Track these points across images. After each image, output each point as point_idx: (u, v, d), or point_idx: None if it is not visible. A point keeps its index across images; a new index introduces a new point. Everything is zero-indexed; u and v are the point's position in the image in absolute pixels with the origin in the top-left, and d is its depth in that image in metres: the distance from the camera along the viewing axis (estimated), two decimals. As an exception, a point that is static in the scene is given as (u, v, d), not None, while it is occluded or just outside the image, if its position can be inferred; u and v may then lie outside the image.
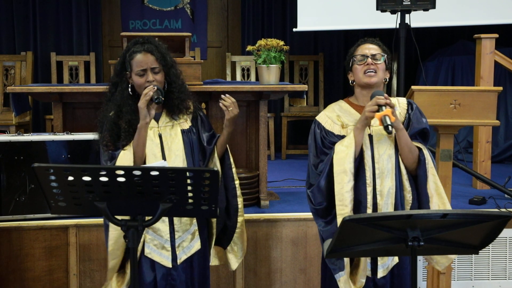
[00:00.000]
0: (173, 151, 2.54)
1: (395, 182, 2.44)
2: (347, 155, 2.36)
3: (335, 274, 2.40)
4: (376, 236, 1.86)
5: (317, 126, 2.51)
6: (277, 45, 3.73)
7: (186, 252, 2.55)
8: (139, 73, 2.47)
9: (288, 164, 5.59)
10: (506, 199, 4.04)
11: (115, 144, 2.49)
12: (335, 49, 6.48)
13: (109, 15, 6.47)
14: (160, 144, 2.53)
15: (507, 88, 5.57)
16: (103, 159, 2.52)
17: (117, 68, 2.55)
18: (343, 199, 2.35)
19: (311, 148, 2.51)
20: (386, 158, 2.42)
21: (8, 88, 3.65)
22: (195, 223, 2.58)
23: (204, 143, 2.64)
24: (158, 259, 2.51)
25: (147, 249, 2.51)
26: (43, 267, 3.36)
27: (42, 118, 5.84)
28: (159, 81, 2.49)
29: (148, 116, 2.44)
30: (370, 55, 2.44)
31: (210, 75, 6.40)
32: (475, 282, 3.71)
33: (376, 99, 2.33)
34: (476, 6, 5.36)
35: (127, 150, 2.46)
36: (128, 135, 2.47)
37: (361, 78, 2.45)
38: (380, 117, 2.30)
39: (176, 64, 2.60)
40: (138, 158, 2.47)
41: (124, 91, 2.51)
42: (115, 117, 2.49)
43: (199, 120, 2.66)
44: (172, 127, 2.57)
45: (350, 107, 2.52)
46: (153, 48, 2.49)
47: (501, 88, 3.04)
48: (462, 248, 1.97)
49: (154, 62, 2.48)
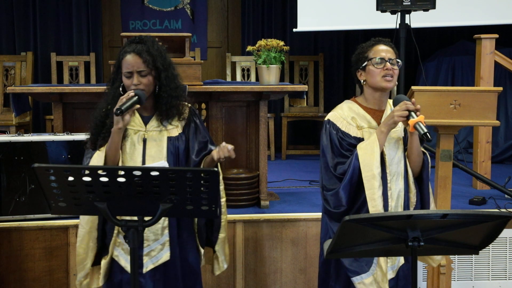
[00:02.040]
0: (154, 159, 2.45)
1: (404, 184, 2.45)
2: (374, 159, 2.34)
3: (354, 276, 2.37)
4: (376, 236, 1.86)
5: (332, 127, 2.46)
6: (277, 45, 3.73)
7: (154, 261, 2.48)
8: (126, 75, 2.41)
9: (288, 165, 5.58)
10: (506, 199, 4.04)
11: (95, 143, 2.44)
12: (335, 50, 6.48)
13: (109, 15, 6.47)
14: (142, 149, 2.46)
15: (507, 88, 5.56)
16: (85, 156, 2.48)
17: (115, 66, 2.51)
18: (376, 204, 2.34)
19: (327, 150, 2.45)
20: (396, 161, 2.43)
21: (8, 89, 3.66)
22: (166, 233, 2.48)
23: (193, 154, 2.53)
24: (123, 263, 2.47)
25: (115, 251, 2.48)
26: (43, 268, 3.36)
27: (42, 118, 5.84)
28: (145, 84, 2.40)
29: (121, 122, 2.34)
30: (388, 59, 2.41)
31: (210, 75, 6.40)
32: (475, 282, 3.71)
33: (406, 104, 2.31)
34: (476, 6, 5.36)
35: (101, 151, 2.41)
36: (107, 136, 2.40)
37: (378, 82, 2.41)
38: (413, 124, 2.27)
39: (172, 66, 2.51)
40: (110, 162, 2.40)
41: (116, 89, 2.47)
42: (104, 115, 2.45)
43: (192, 127, 2.56)
44: (160, 132, 2.49)
45: (361, 108, 2.49)
46: (144, 50, 2.40)
47: (501, 88, 3.04)
48: (462, 248, 1.97)
49: (141, 65, 2.39)
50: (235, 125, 3.93)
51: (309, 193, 4.28)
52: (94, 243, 2.48)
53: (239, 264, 3.50)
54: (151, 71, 2.42)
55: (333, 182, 2.42)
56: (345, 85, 6.48)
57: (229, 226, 3.48)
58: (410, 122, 2.28)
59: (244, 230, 3.52)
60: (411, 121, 2.27)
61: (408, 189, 2.48)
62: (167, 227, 2.48)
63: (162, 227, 2.47)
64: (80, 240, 2.48)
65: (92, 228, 2.46)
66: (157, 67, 2.42)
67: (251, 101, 3.90)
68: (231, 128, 3.94)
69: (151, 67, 2.41)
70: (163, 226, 2.47)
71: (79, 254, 2.49)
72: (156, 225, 2.36)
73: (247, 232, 3.52)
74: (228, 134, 3.94)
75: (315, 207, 3.76)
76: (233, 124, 3.94)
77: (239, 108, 3.95)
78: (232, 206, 3.76)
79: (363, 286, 2.36)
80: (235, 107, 3.95)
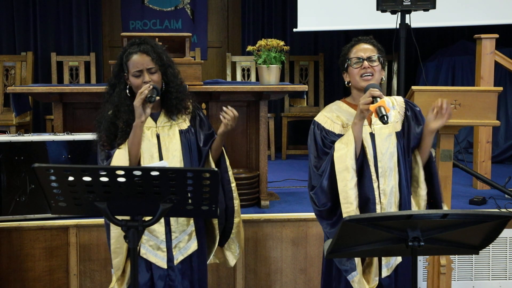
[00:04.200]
0: (170, 152, 2.53)
1: (397, 180, 2.44)
2: (347, 151, 2.35)
3: (347, 275, 2.38)
4: (376, 236, 1.86)
5: (316, 127, 2.50)
6: (277, 45, 3.73)
7: (183, 252, 2.54)
8: (135, 74, 2.46)
9: (288, 164, 5.59)
10: (506, 199, 4.04)
11: (111, 143, 2.48)
12: (335, 49, 6.48)
13: (109, 15, 6.47)
14: (157, 144, 2.53)
15: (507, 88, 5.56)
16: (100, 158, 2.52)
17: (115, 70, 2.55)
18: (348, 196, 2.33)
19: (311, 150, 2.49)
20: (388, 156, 2.42)
21: (9, 89, 3.66)
22: (192, 223, 2.57)
23: (201, 143, 2.63)
24: (154, 260, 2.51)
25: (142, 249, 2.51)
26: (43, 267, 3.36)
27: (42, 118, 5.85)
28: (155, 81, 2.47)
29: (144, 115, 2.43)
30: (366, 57, 2.43)
31: (210, 75, 6.40)
32: (475, 282, 3.71)
33: (371, 91, 2.32)
34: (476, 6, 5.36)
35: (122, 149, 2.46)
36: (124, 134, 2.46)
37: (358, 82, 2.44)
38: (374, 108, 2.29)
39: (173, 64, 2.59)
40: (133, 157, 2.46)
41: (122, 92, 2.51)
42: (113, 117, 2.49)
43: (197, 120, 2.65)
44: (170, 127, 2.57)
45: (349, 107, 2.52)
46: (149, 49, 2.47)
47: (501, 88, 3.04)
48: (462, 248, 1.97)
49: (150, 62, 2.46)
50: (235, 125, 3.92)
51: (309, 193, 4.28)
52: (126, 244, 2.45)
53: (239, 264, 3.50)
54: (159, 68, 2.49)
55: (317, 181, 2.43)
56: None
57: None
58: (371, 108, 2.30)
59: (244, 230, 3.50)
60: (372, 106, 2.30)
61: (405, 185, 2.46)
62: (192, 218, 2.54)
63: (187, 218, 2.53)
64: (114, 242, 2.48)
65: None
66: (163, 64, 2.50)
67: (251, 101, 3.90)
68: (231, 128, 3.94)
69: (159, 64, 2.48)
70: None
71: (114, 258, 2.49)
72: None
73: (247, 232, 3.52)
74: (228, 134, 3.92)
75: (315, 207, 3.75)
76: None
77: (239, 108, 3.91)
78: (232, 206, 3.76)
79: (355, 284, 2.38)
80: (235, 107, 3.90)
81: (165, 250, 2.52)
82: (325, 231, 2.46)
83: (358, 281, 2.37)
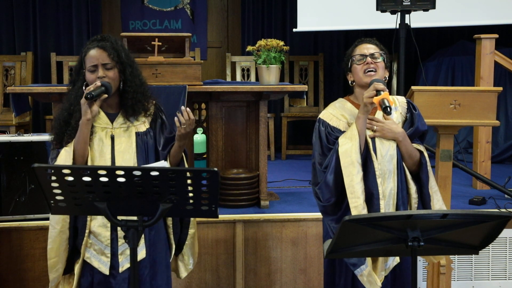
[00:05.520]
0: (123, 154, 2.43)
1: (396, 183, 2.44)
2: (352, 146, 2.35)
3: (355, 269, 2.38)
4: (376, 236, 1.86)
5: (321, 124, 2.50)
6: (277, 45, 3.73)
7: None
8: (90, 69, 2.38)
9: (288, 164, 5.58)
10: (506, 199, 4.04)
11: (61, 142, 2.41)
12: (335, 49, 6.48)
13: (109, 15, 6.47)
14: (111, 146, 2.43)
15: (507, 88, 5.56)
16: (50, 157, 2.44)
17: (76, 66, 2.47)
18: (355, 191, 2.33)
19: (316, 147, 2.49)
20: (388, 159, 2.42)
21: (8, 89, 3.65)
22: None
23: (159, 147, 2.51)
24: (96, 264, 2.41)
25: (87, 253, 2.42)
26: (43, 267, 3.36)
27: (42, 118, 5.84)
28: (111, 78, 2.38)
29: (89, 112, 2.33)
30: (368, 54, 2.45)
31: (210, 75, 6.40)
32: (475, 282, 3.71)
33: (375, 84, 2.34)
34: (476, 6, 5.36)
35: (68, 147, 2.37)
36: (73, 133, 2.38)
37: (361, 78, 2.45)
38: (378, 101, 2.31)
39: (135, 64, 2.50)
40: (79, 157, 2.37)
41: (79, 89, 2.43)
42: (67, 115, 2.42)
43: (158, 122, 2.53)
44: (127, 129, 2.46)
45: (353, 106, 2.52)
46: (107, 45, 2.39)
47: (501, 88, 3.04)
48: (462, 248, 1.97)
49: (106, 58, 2.38)
50: (235, 125, 3.93)
51: (309, 193, 4.26)
52: (66, 245, 2.41)
53: (239, 264, 3.50)
54: (116, 64, 2.40)
55: (321, 177, 2.43)
56: (345, 85, 6.48)
57: (229, 226, 3.49)
58: (374, 100, 2.32)
59: (244, 230, 3.52)
60: (375, 99, 2.31)
61: (402, 188, 2.47)
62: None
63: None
64: (51, 241, 2.40)
65: (64, 228, 2.40)
66: (122, 61, 2.41)
67: (251, 101, 3.90)
68: (231, 128, 3.95)
69: (116, 60, 2.40)
70: None
71: (50, 258, 2.41)
72: None
73: (247, 232, 3.52)
74: (228, 134, 3.94)
75: (315, 207, 3.71)
76: (233, 124, 3.94)
77: (239, 108, 3.95)
78: (232, 206, 3.76)
79: (364, 278, 2.38)
80: (235, 107, 3.95)
81: (109, 256, 2.41)
82: (330, 227, 2.45)
83: (368, 274, 2.36)
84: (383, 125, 2.43)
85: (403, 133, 2.44)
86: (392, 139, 2.44)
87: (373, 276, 2.37)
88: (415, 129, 2.47)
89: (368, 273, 2.37)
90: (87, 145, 2.39)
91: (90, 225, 2.42)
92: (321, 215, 2.54)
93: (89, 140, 2.41)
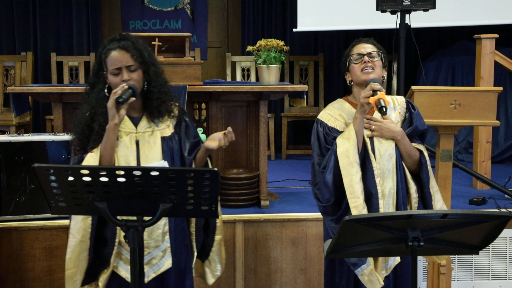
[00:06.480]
0: (149, 160, 2.34)
1: (396, 182, 2.44)
2: (350, 146, 2.36)
3: (356, 268, 2.38)
4: (376, 236, 1.86)
5: (319, 125, 2.51)
6: (277, 45, 3.73)
7: (155, 270, 2.35)
8: (114, 72, 2.27)
9: (288, 164, 5.58)
10: (506, 199, 4.04)
11: (84, 147, 2.31)
12: (335, 49, 6.48)
13: (109, 15, 6.47)
14: (136, 151, 2.34)
15: (507, 88, 5.56)
16: (72, 163, 2.35)
17: (94, 68, 2.36)
18: (354, 191, 2.34)
19: (314, 148, 2.50)
20: (386, 158, 2.43)
21: (8, 89, 3.66)
22: (167, 239, 2.36)
23: (185, 152, 2.43)
24: (124, 274, 2.34)
25: (114, 263, 2.35)
26: (43, 268, 3.36)
27: (42, 118, 5.85)
28: (135, 80, 2.28)
29: (117, 117, 2.23)
30: (366, 53, 2.46)
31: (210, 75, 6.40)
32: (475, 282, 3.71)
33: (371, 85, 2.35)
34: (476, 6, 5.36)
35: (94, 153, 2.27)
36: (98, 138, 2.28)
37: (359, 76, 2.46)
38: (374, 101, 2.32)
39: (157, 62, 2.40)
40: (105, 162, 2.27)
41: (100, 92, 2.33)
42: (89, 119, 2.32)
43: (183, 126, 2.45)
44: (152, 133, 2.37)
45: (351, 106, 2.52)
46: (129, 45, 2.28)
47: (501, 88, 3.04)
48: (462, 248, 1.97)
49: (129, 59, 2.27)
50: (235, 125, 3.93)
51: (309, 193, 4.23)
52: (86, 255, 2.32)
53: (239, 264, 3.50)
54: (140, 65, 2.31)
55: (320, 177, 2.43)
56: (345, 85, 6.46)
57: (229, 226, 3.49)
58: (370, 100, 2.32)
59: (244, 230, 3.52)
60: (371, 99, 2.32)
61: (402, 187, 2.47)
62: (167, 233, 2.37)
63: (162, 233, 2.36)
64: (70, 251, 2.32)
65: (85, 238, 2.31)
66: (145, 61, 2.32)
67: (251, 101, 3.90)
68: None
69: (139, 60, 2.30)
70: (163, 231, 2.35)
71: (68, 268, 2.33)
72: (156, 230, 2.33)
73: (247, 232, 3.52)
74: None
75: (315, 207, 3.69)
76: (233, 124, 3.94)
77: (239, 108, 3.95)
78: (232, 206, 3.76)
79: (365, 277, 2.38)
80: (235, 107, 3.95)
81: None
82: (330, 227, 2.46)
83: (369, 273, 2.36)
84: (381, 125, 2.43)
85: (401, 132, 2.44)
86: (390, 138, 2.44)
87: (374, 275, 2.37)
88: (414, 128, 2.47)
89: (369, 272, 2.37)
90: (114, 150, 2.30)
91: (120, 235, 2.32)
92: (321, 215, 2.54)
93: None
